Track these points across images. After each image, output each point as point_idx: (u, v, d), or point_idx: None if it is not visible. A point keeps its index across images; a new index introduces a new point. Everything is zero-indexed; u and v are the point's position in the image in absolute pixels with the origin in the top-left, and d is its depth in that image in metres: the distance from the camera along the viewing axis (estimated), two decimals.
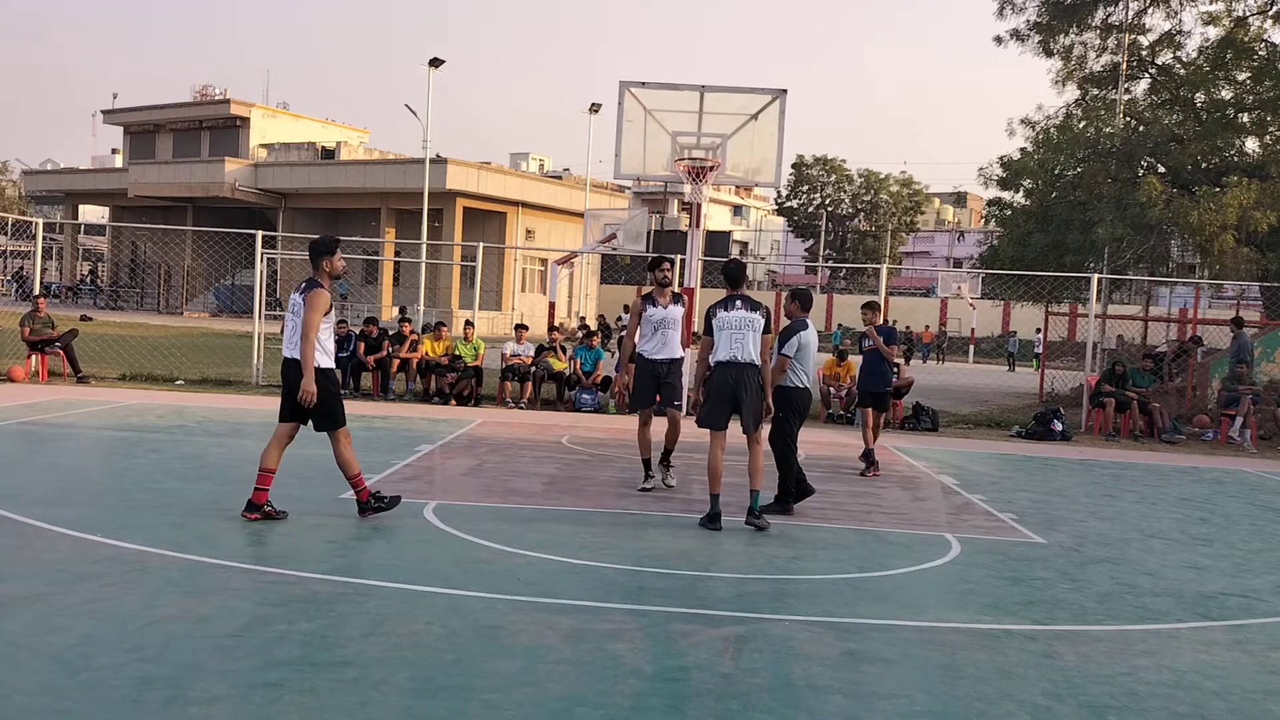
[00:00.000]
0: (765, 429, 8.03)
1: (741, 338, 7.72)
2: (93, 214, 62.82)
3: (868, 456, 10.75)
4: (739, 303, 7.82)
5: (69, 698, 3.92)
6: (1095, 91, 24.66)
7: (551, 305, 20.13)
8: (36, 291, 16.99)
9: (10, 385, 14.68)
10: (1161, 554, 7.64)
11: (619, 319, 30.69)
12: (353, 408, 14.15)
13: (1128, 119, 22.43)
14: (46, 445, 10.18)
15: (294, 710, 3.90)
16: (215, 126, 50.23)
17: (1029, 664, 4.91)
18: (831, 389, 16.23)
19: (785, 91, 13.89)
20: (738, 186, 73.34)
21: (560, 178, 57.18)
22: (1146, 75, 24.68)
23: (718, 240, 65.53)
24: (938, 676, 4.68)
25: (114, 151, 60.47)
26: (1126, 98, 23.69)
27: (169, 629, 4.72)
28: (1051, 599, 6.16)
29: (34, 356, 15.58)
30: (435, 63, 38.59)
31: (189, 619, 4.87)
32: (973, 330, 43.38)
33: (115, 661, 4.29)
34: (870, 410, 10.97)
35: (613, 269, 54.74)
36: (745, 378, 7.71)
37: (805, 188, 79.50)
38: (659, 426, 8.97)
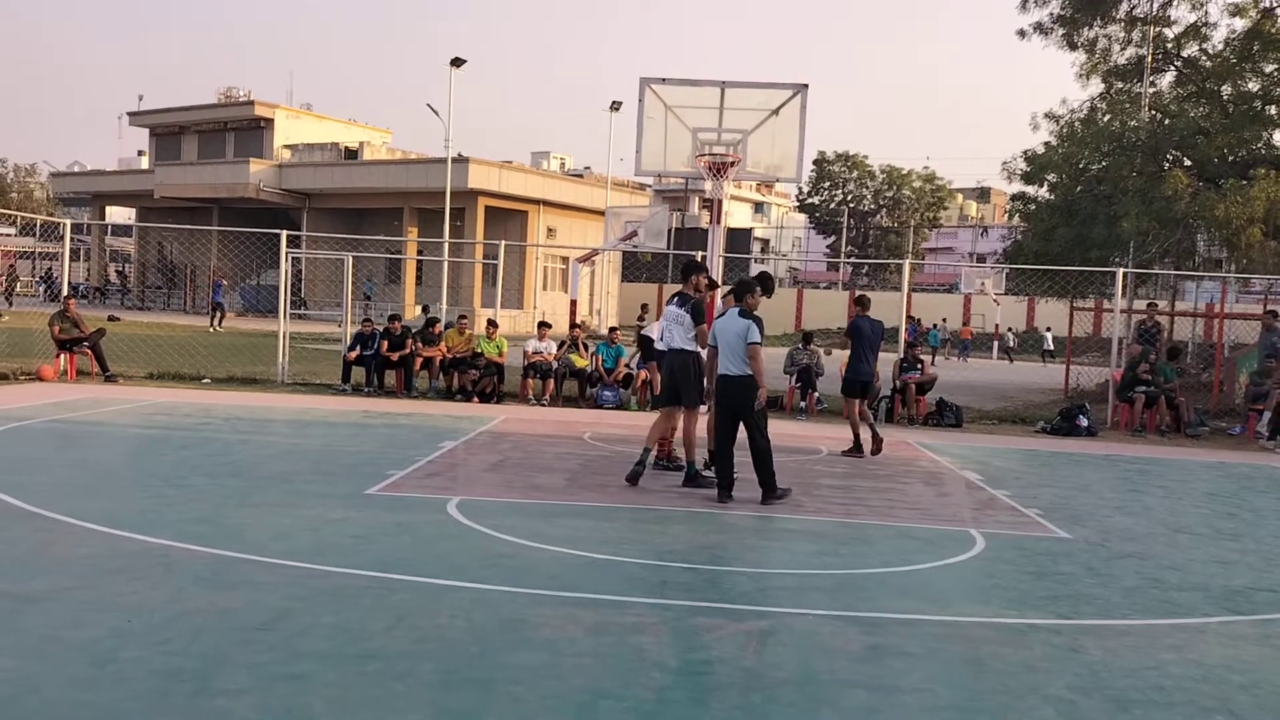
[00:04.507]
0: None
1: (669, 329, 9.07)
2: (119, 215, 63.39)
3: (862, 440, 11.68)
4: (674, 299, 9.16)
5: (98, 690, 3.97)
6: (1120, 85, 24.41)
7: (573, 303, 20.15)
8: (65, 292, 17.18)
9: (40, 384, 14.85)
10: (1188, 549, 7.57)
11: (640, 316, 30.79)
12: (377, 405, 14.31)
13: (1153, 112, 22.21)
14: (75, 442, 10.30)
15: (319, 702, 3.93)
16: (240, 128, 50.53)
17: (1054, 658, 4.89)
18: None
19: (806, 86, 13.82)
20: (759, 183, 73.23)
21: (581, 176, 57.19)
22: (1172, 68, 24.41)
23: (739, 237, 65.43)
24: (962, 671, 4.66)
25: (140, 153, 61.00)
26: (1152, 91, 23.46)
27: (196, 622, 4.77)
28: (1077, 594, 6.12)
29: (63, 356, 15.76)
30: (457, 62, 38.71)
31: (215, 612, 4.92)
32: (996, 326, 43.13)
33: (143, 654, 4.34)
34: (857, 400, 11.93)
35: (634, 267, 54.68)
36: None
37: (827, 184, 79.20)
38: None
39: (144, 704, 3.85)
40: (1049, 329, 41.74)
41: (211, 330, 30.47)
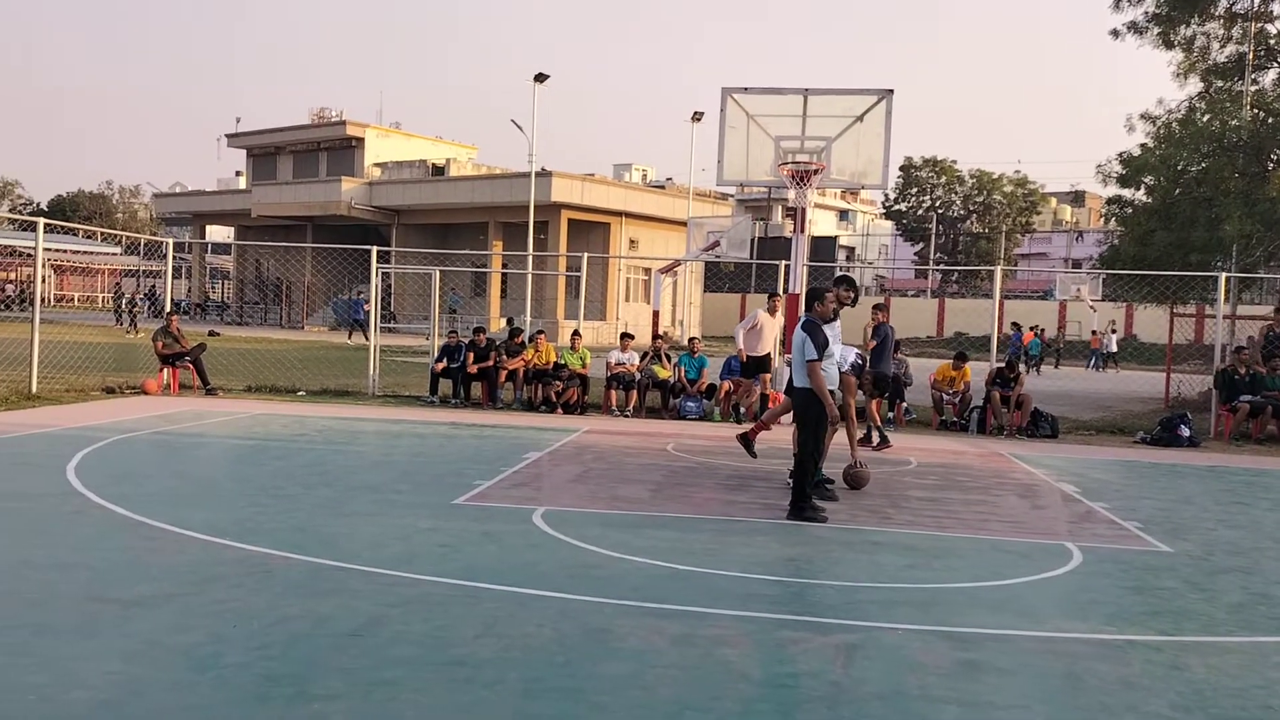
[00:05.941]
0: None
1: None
2: (219, 234, 65.59)
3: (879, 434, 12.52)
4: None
5: (200, 694, 4.10)
6: (1220, 83, 23.57)
7: (655, 314, 20.21)
8: (168, 309, 17.83)
9: (144, 397, 15.42)
10: None
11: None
12: (463, 416, 14.54)
13: (1255, 111, 21.37)
14: (178, 454, 10.66)
15: (410, 708, 4.00)
16: (332, 147, 51.94)
17: (1155, 675, 4.73)
18: (944, 394, 15.85)
19: (891, 91, 13.65)
20: (843, 190, 72.43)
21: (663, 187, 57.34)
22: (1275, 65, 23.50)
23: (823, 246, 64.82)
24: (1058, 687, 4.54)
25: (238, 174, 63.04)
26: (1254, 89, 22.60)
27: (292, 628, 4.90)
28: (1179, 609, 5.91)
29: (166, 370, 16.35)
30: (540, 78, 39.23)
31: (310, 619, 5.04)
32: (1094, 333, 42.05)
33: (242, 659, 4.47)
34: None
35: (716, 277, 54.59)
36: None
37: (914, 190, 78.07)
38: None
39: (244, 709, 3.97)
40: (1114, 331, 40.75)
41: (353, 343, 31.48)
